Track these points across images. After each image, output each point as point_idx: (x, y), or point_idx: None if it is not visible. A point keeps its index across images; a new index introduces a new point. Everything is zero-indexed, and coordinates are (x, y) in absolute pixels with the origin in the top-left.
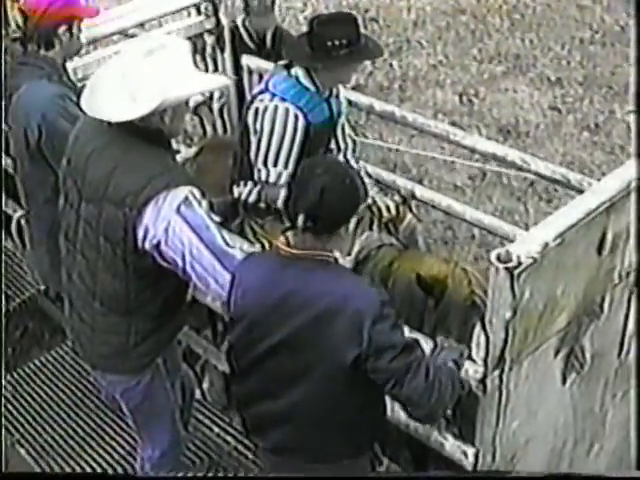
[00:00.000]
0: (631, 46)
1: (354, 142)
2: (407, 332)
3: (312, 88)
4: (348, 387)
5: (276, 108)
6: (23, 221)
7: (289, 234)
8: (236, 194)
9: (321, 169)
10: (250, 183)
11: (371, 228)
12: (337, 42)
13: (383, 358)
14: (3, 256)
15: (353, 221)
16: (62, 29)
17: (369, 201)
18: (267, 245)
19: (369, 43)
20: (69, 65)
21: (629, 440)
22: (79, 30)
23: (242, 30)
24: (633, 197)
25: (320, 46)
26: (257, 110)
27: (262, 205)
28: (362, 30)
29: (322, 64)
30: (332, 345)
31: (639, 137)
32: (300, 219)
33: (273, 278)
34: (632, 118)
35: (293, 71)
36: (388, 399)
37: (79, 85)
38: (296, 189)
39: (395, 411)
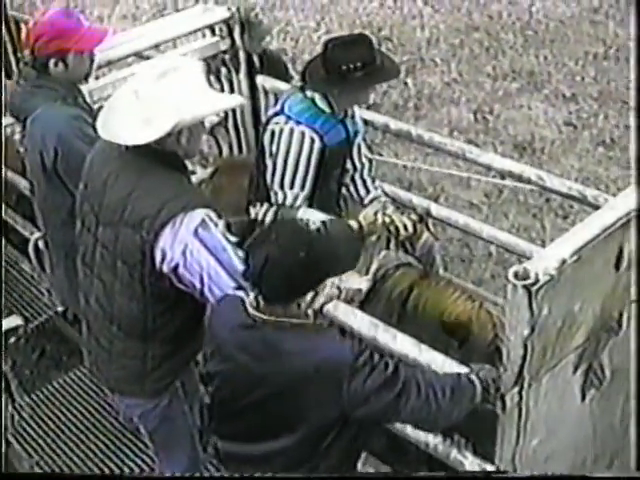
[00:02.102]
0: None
1: (370, 162)
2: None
3: (328, 110)
4: (333, 437)
5: (292, 131)
6: (41, 243)
7: (259, 296)
8: (252, 215)
9: (274, 236)
10: (266, 204)
11: (388, 247)
12: (352, 65)
13: (369, 404)
14: (22, 279)
15: (321, 298)
16: (52, 62)
17: (387, 220)
18: None
19: (385, 62)
20: (84, 88)
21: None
22: (76, 60)
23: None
24: None
25: (335, 69)
26: (273, 133)
27: None
28: (378, 48)
29: (338, 88)
30: (311, 407)
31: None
32: (249, 286)
33: (243, 342)
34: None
35: (309, 93)
36: None
37: (95, 107)
38: (245, 254)
39: (414, 430)
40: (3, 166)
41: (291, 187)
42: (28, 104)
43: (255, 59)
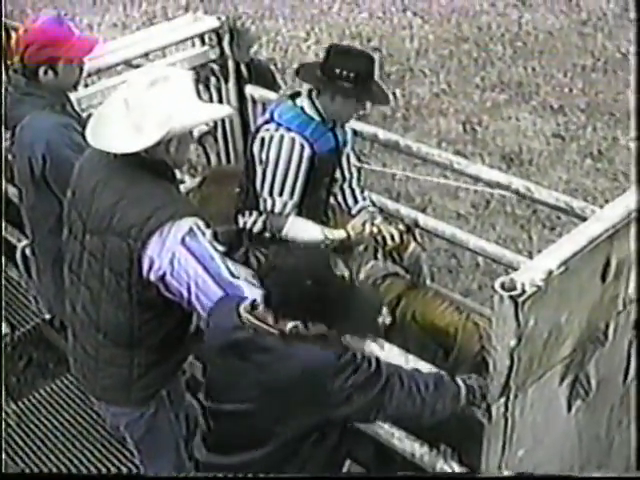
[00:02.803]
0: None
1: (359, 171)
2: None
3: (317, 118)
4: (315, 443)
5: (282, 138)
6: (28, 250)
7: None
8: (241, 224)
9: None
10: (255, 212)
11: (376, 257)
12: (345, 72)
13: (353, 401)
14: (9, 286)
15: None
16: (42, 70)
17: (374, 230)
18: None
19: (376, 88)
20: (73, 95)
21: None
22: (66, 69)
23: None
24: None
25: (328, 71)
26: (263, 140)
27: (267, 234)
28: (377, 73)
29: (324, 88)
30: (296, 411)
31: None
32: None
33: (231, 343)
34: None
35: (298, 101)
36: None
37: (83, 115)
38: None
39: (401, 440)
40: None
41: (280, 194)
42: (17, 111)
43: (243, 68)
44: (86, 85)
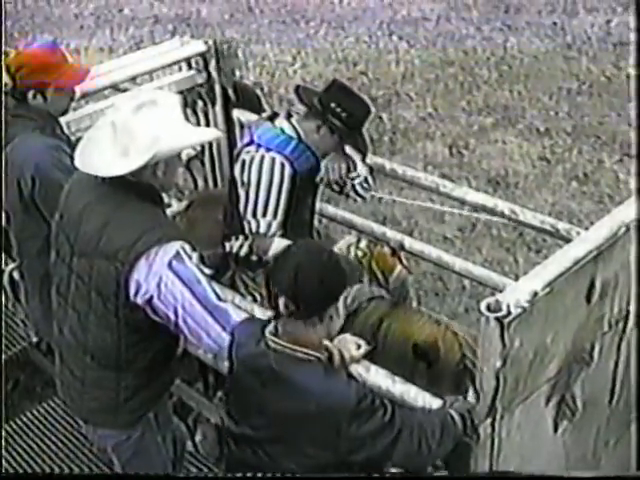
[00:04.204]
0: (620, 96)
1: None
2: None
3: (295, 137)
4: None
5: (262, 158)
6: (16, 274)
7: (279, 323)
8: (227, 249)
9: (295, 248)
10: (241, 237)
11: (361, 280)
12: (339, 110)
13: (365, 448)
14: None
15: (341, 304)
16: (31, 93)
17: (359, 254)
18: (258, 297)
19: (360, 138)
20: (62, 119)
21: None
22: (55, 95)
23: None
24: (620, 244)
25: (325, 102)
26: (244, 162)
27: (253, 258)
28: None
29: (313, 116)
30: (307, 445)
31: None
32: (281, 304)
33: (254, 366)
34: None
35: (277, 122)
36: None
37: (72, 139)
38: (271, 273)
39: None
40: None
41: (264, 215)
42: (6, 133)
43: (230, 92)
44: (74, 109)
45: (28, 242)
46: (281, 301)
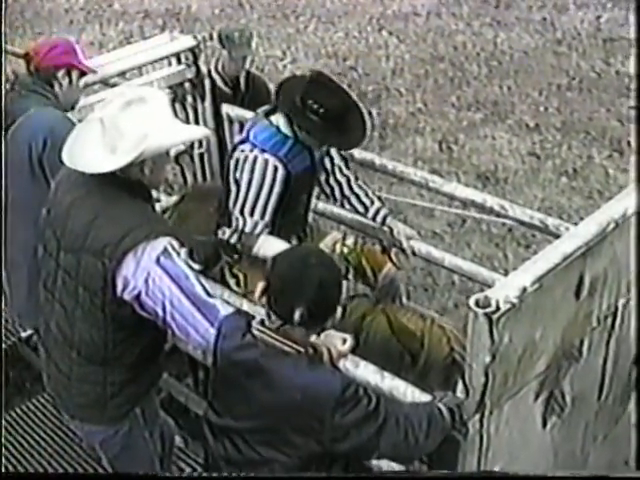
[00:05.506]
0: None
1: (356, 176)
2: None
3: (292, 136)
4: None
5: (255, 159)
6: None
7: (286, 328)
8: (219, 235)
9: (314, 260)
10: (234, 226)
11: (347, 277)
12: (316, 106)
13: (350, 438)
14: None
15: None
16: (62, 72)
17: (345, 250)
18: (242, 278)
19: (342, 136)
20: None
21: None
22: (78, 79)
23: (216, 76)
24: (609, 240)
25: (304, 100)
26: (237, 160)
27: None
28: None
29: (294, 115)
30: (292, 435)
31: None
32: (297, 314)
33: (239, 358)
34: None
35: (274, 119)
36: None
37: None
38: (291, 284)
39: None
40: None
41: (251, 214)
42: (20, 105)
43: (242, 80)
44: None
45: (25, 210)
46: (297, 312)
